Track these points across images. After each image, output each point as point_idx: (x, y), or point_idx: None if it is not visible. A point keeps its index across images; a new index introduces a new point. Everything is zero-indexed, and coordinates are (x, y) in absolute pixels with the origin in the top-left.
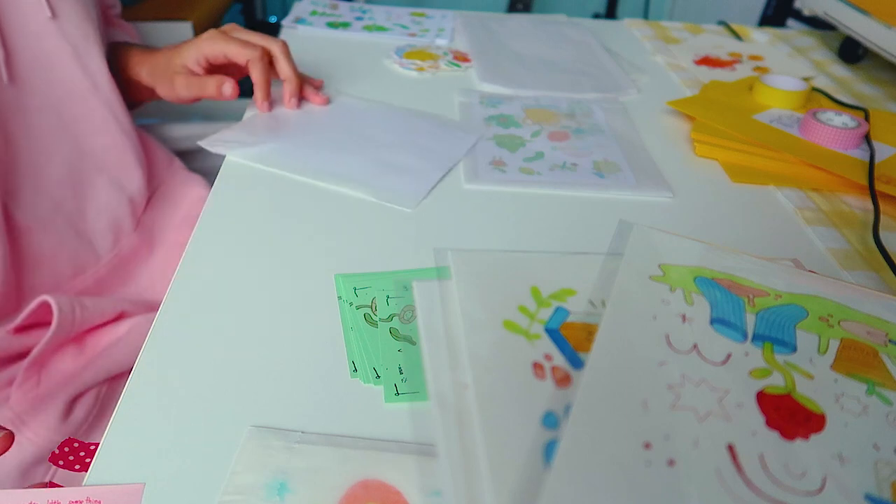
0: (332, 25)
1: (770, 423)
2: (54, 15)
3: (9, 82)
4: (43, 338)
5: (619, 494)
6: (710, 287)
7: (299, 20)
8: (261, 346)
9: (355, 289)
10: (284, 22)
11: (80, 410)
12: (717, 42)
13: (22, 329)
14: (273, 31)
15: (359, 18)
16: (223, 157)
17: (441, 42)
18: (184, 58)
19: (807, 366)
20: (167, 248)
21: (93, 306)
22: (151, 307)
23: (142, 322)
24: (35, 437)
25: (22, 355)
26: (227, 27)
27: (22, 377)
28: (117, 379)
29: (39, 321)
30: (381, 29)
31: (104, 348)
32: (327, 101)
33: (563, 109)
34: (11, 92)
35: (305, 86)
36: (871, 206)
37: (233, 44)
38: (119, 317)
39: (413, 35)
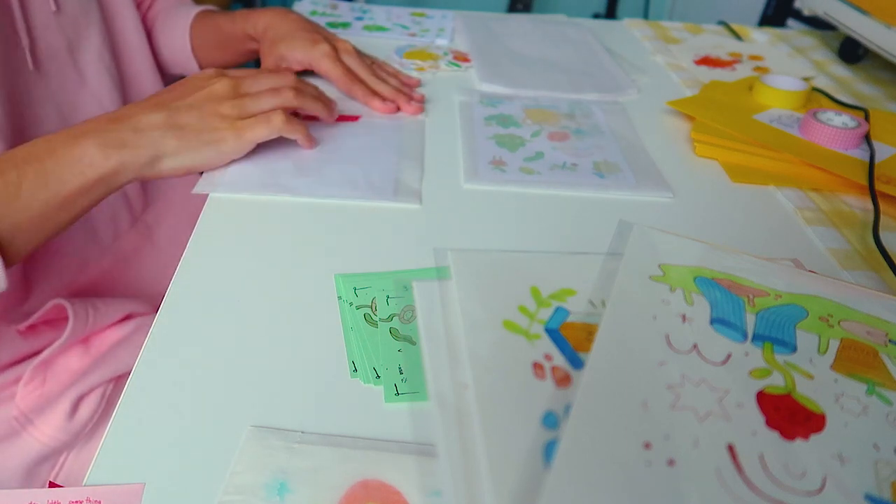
0: (332, 26)
1: (770, 423)
2: (58, 9)
3: (34, 70)
4: (51, 337)
5: (619, 494)
6: (710, 287)
7: None
8: (261, 346)
9: (355, 289)
10: None
11: (85, 409)
12: (717, 42)
13: (29, 328)
14: None
15: (359, 18)
16: None
17: (441, 42)
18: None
19: (807, 366)
20: (167, 244)
21: (104, 309)
22: (157, 307)
23: (147, 322)
24: (41, 435)
25: (29, 354)
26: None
27: (28, 376)
28: (123, 378)
29: (47, 318)
30: (380, 29)
31: (109, 348)
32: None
33: (562, 110)
34: (33, 80)
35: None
36: (871, 206)
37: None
38: (126, 317)
39: (413, 35)
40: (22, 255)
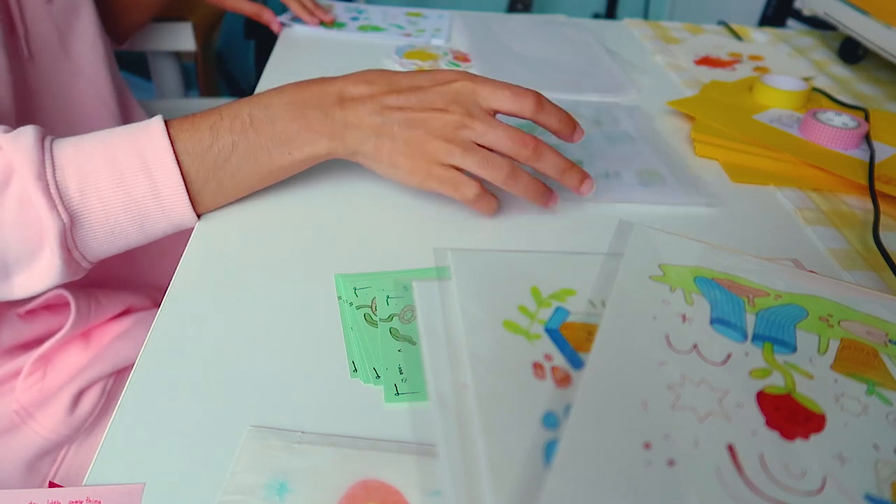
0: (326, 25)
1: (770, 423)
2: None
3: (30, 58)
4: (51, 323)
5: (619, 494)
6: (710, 287)
7: (295, 19)
8: (261, 346)
9: (355, 289)
10: (281, 19)
11: (86, 404)
12: (717, 42)
13: (29, 312)
14: (272, 30)
15: (354, 19)
16: None
17: (437, 42)
18: None
19: (807, 366)
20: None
21: (105, 302)
22: (156, 300)
23: (146, 317)
24: (41, 429)
25: (28, 342)
26: None
27: (28, 370)
28: (123, 373)
29: (47, 304)
30: (376, 29)
31: (110, 342)
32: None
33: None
34: (31, 69)
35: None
36: (871, 206)
37: None
38: (125, 311)
39: (408, 35)
40: (211, 209)
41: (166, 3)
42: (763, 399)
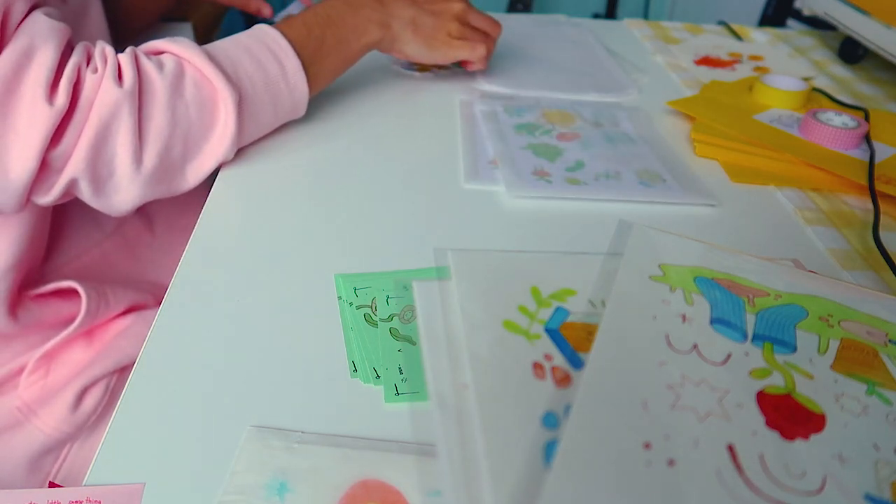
0: None
1: (770, 423)
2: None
3: None
4: (59, 313)
5: (619, 494)
6: (710, 287)
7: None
8: (261, 346)
9: (355, 289)
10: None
11: (89, 401)
12: (717, 42)
13: (40, 295)
14: None
15: None
16: None
17: None
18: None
19: (807, 366)
20: (166, 231)
21: (113, 299)
22: (159, 299)
23: (149, 314)
24: (44, 426)
25: (39, 324)
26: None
27: (31, 367)
28: (126, 370)
29: (57, 290)
30: None
31: (113, 339)
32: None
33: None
34: None
35: None
36: (871, 206)
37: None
38: (129, 308)
39: None
40: (315, 92)
41: (167, 7)
42: (763, 399)
